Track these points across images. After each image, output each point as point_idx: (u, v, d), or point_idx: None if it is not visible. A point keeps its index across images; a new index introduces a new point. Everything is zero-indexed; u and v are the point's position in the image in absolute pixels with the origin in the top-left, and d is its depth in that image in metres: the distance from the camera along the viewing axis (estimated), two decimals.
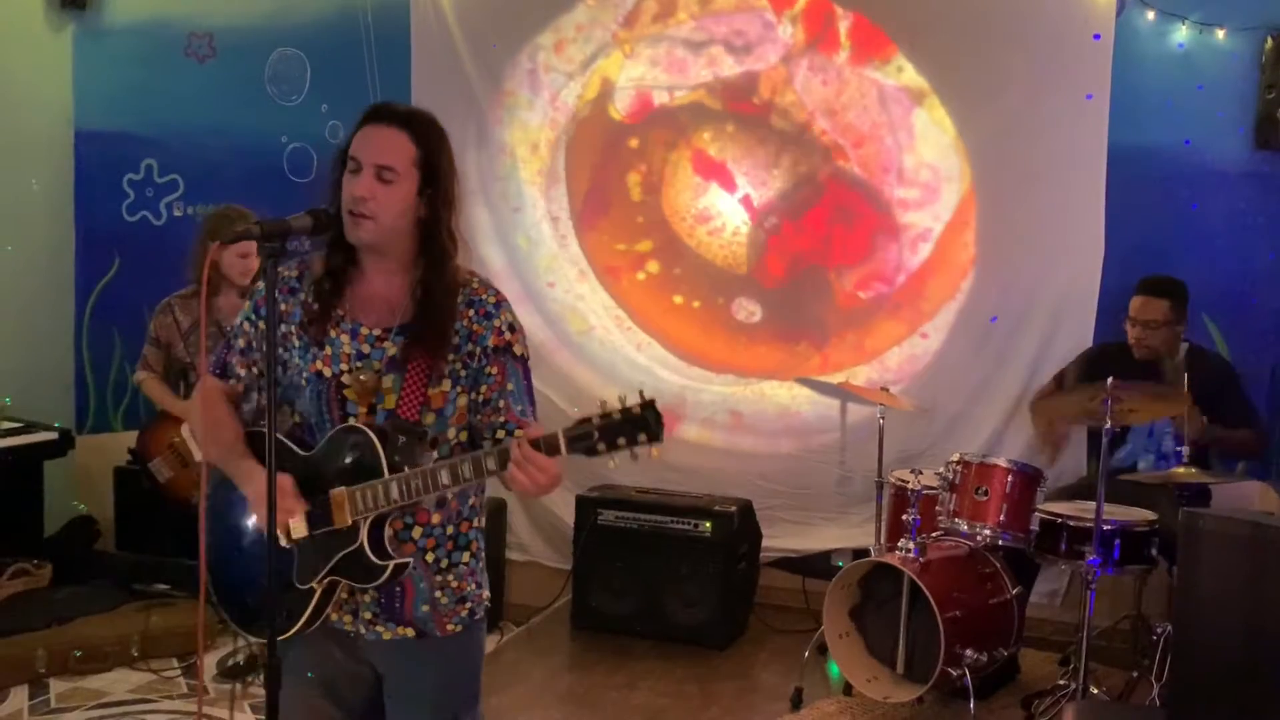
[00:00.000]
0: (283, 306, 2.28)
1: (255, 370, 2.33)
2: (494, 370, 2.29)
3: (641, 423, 2.03)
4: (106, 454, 5.80)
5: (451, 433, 2.30)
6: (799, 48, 5.13)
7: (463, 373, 2.27)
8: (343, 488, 2.19)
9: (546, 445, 2.06)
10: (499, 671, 4.50)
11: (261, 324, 2.29)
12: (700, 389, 5.40)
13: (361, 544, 2.20)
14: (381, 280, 2.29)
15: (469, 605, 2.37)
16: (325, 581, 2.22)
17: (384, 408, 2.24)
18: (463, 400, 2.29)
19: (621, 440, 2.03)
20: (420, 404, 2.24)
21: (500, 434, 2.31)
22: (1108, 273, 4.76)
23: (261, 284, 2.28)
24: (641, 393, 2.07)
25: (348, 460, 2.20)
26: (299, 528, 2.21)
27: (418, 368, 2.24)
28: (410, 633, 2.31)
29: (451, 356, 2.26)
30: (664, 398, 5.52)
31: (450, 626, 2.34)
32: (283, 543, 2.20)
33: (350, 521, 2.19)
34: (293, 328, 2.28)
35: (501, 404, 2.30)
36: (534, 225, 5.52)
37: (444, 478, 2.14)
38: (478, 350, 2.28)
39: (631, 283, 5.46)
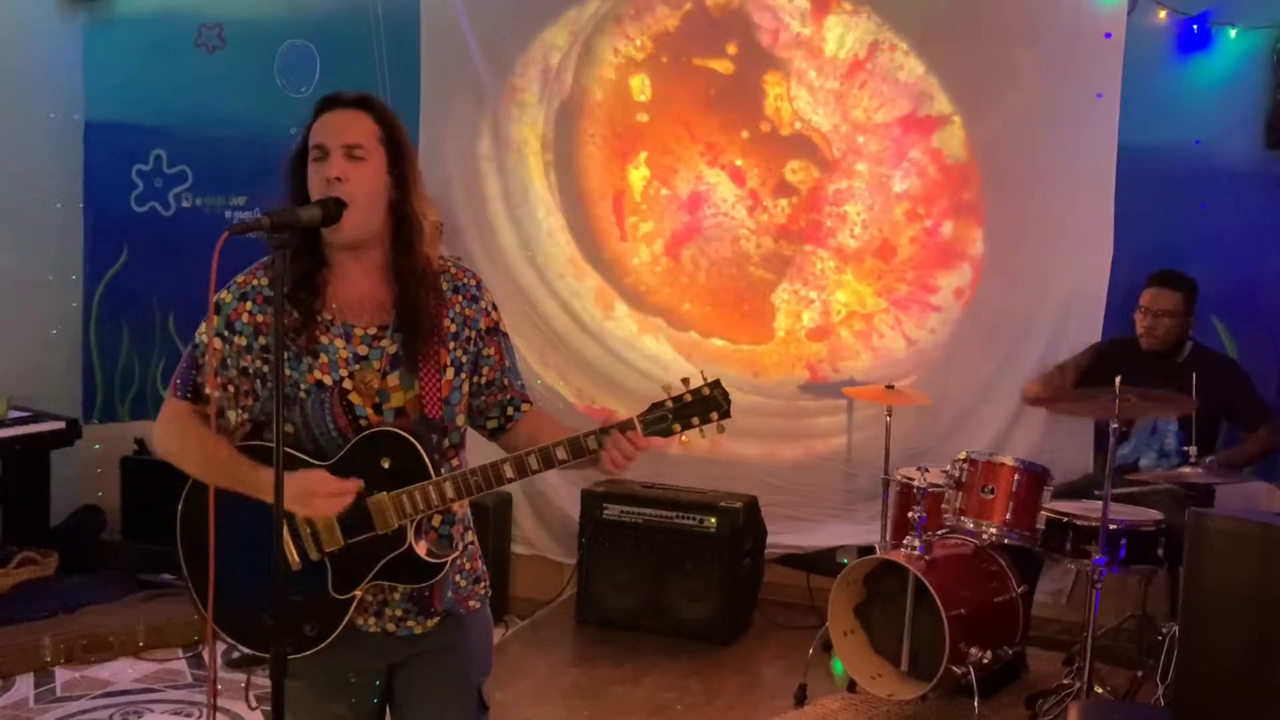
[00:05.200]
0: (260, 318, 2.22)
1: (231, 388, 2.23)
2: (491, 351, 2.33)
3: (712, 402, 2.16)
4: (114, 444, 5.83)
5: (460, 419, 2.31)
6: (808, 44, 5.12)
7: (464, 359, 2.28)
8: (383, 493, 2.17)
9: (630, 432, 2.15)
10: (504, 665, 4.50)
11: (237, 339, 2.22)
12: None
13: (410, 545, 2.19)
14: (364, 278, 2.25)
15: (483, 584, 2.39)
16: (362, 590, 2.20)
17: (391, 406, 2.22)
18: (466, 386, 2.30)
19: (695, 420, 2.15)
20: (440, 398, 2.24)
21: (509, 410, 2.36)
22: (1116, 272, 4.75)
23: (228, 295, 2.24)
24: (703, 374, 2.17)
25: (385, 465, 2.18)
26: (333, 539, 2.18)
27: (428, 362, 2.22)
28: (436, 622, 2.31)
29: (452, 344, 2.26)
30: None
31: (472, 603, 2.36)
32: (313, 556, 2.19)
33: (396, 525, 2.17)
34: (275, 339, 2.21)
35: (505, 382, 2.35)
36: (542, 219, 5.52)
37: (508, 472, 2.16)
38: (473, 334, 2.30)
39: (634, 282, 5.46)
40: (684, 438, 2.18)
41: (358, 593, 2.20)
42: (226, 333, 2.23)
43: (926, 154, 5.05)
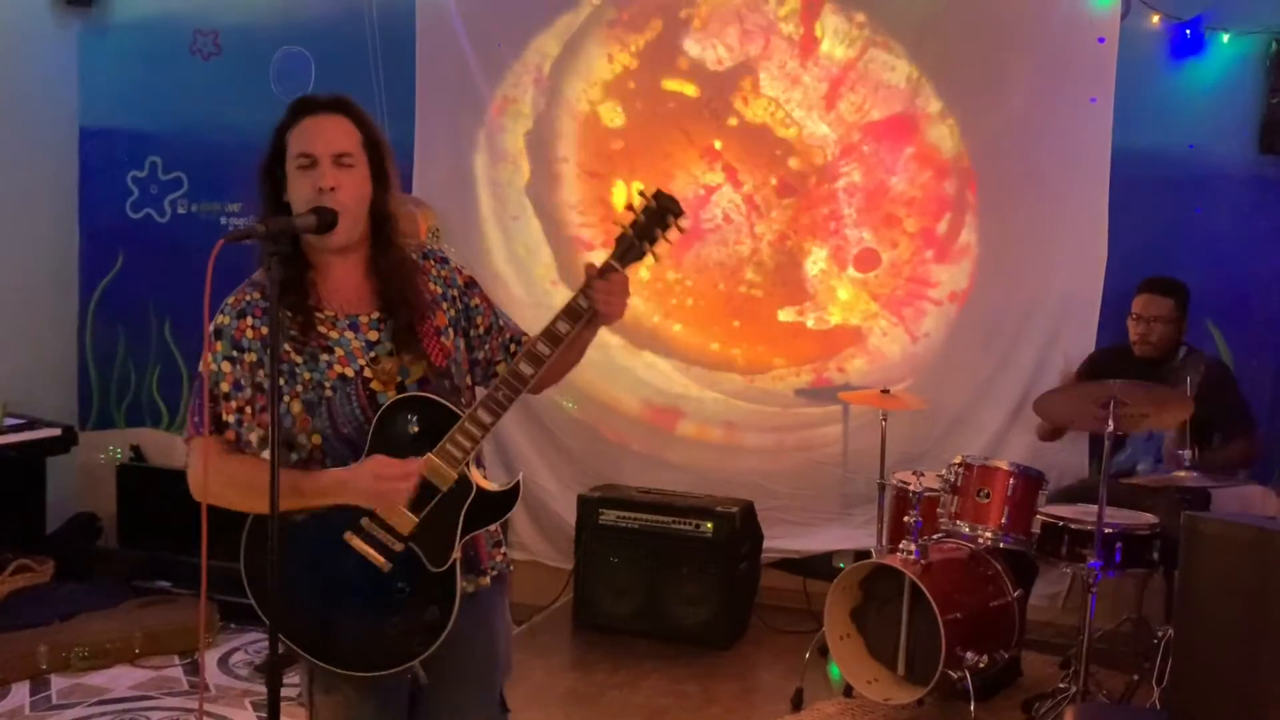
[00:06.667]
0: (263, 330, 2.20)
1: (249, 409, 2.21)
2: (478, 301, 2.40)
3: (663, 210, 2.26)
4: (109, 450, 5.83)
5: (467, 379, 2.36)
6: (800, 46, 5.13)
7: (456, 316, 2.35)
8: (428, 454, 2.17)
9: (610, 272, 2.26)
10: None
11: (246, 356, 2.20)
12: (702, 391, 5.40)
13: (478, 486, 2.20)
14: (351, 274, 2.28)
15: (503, 549, 2.43)
16: (459, 549, 2.20)
17: (412, 380, 2.25)
18: (463, 343, 2.35)
19: (657, 231, 2.27)
20: (446, 356, 2.29)
21: (512, 347, 2.42)
22: (1111, 276, 4.76)
23: (225, 318, 2.23)
24: (642, 192, 2.27)
25: (414, 429, 2.19)
26: (405, 521, 2.16)
27: (427, 331, 2.27)
28: (486, 581, 2.34)
29: (445, 305, 2.33)
30: (667, 399, 5.54)
31: (505, 569, 2.41)
32: (396, 548, 2.17)
33: (456, 475, 2.18)
34: (285, 348, 2.20)
35: (500, 324, 2.43)
36: (534, 231, 5.51)
37: (526, 369, 2.21)
38: (455, 292, 2.37)
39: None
40: (655, 253, 2.28)
41: (455, 554, 2.20)
42: (235, 354, 2.22)
43: (920, 158, 5.05)
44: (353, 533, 2.17)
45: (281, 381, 2.20)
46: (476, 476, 2.22)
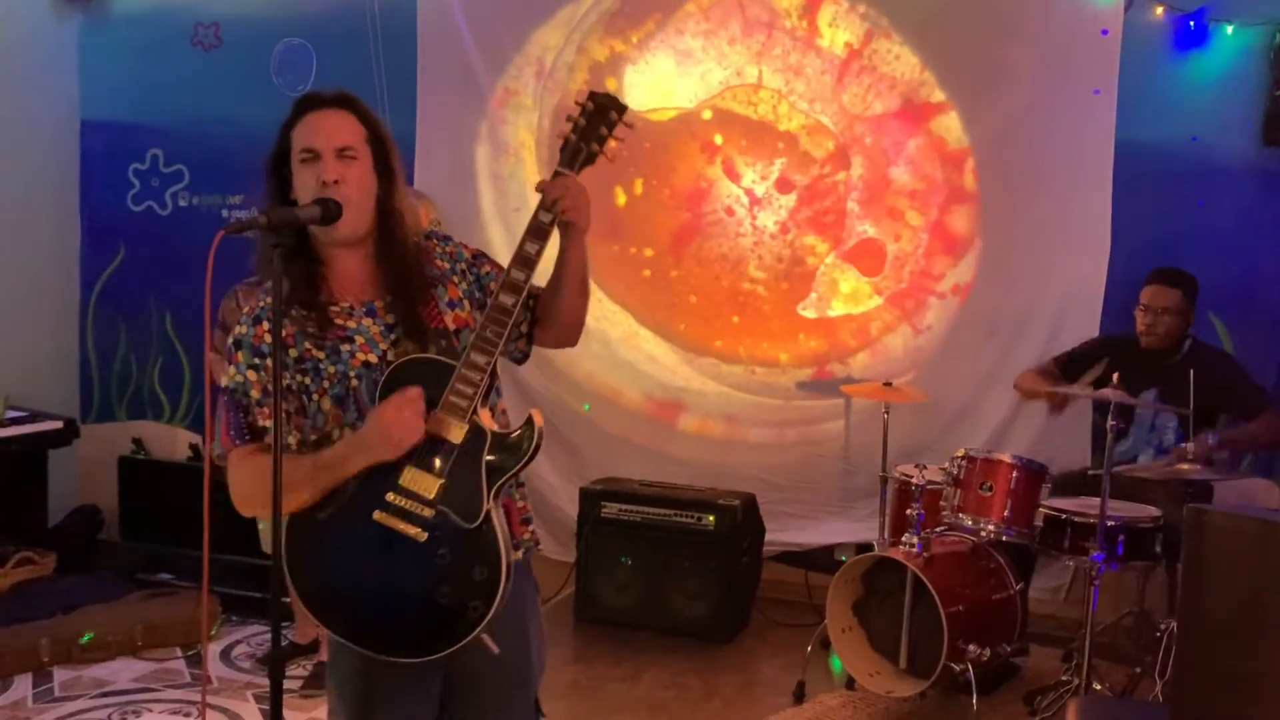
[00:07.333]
0: (282, 333, 2.16)
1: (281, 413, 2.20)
2: (488, 269, 2.39)
3: (604, 109, 2.27)
4: (111, 443, 5.83)
5: None
6: (802, 38, 5.12)
7: (469, 287, 2.34)
8: (433, 412, 2.15)
9: (560, 177, 2.27)
10: None
11: (269, 361, 2.17)
12: (704, 384, 5.40)
13: (488, 430, 2.18)
14: (360, 266, 2.27)
15: (531, 527, 2.39)
16: (492, 500, 2.16)
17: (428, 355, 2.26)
18: (479, 314, 2.31)
19: (602, 130, 2.28)
20: (457, 324, 2.28)
21: (531, 302, 2.38)
22: (1114, 268, 4.75)
23: (242, 328, 2.22)
24: (577, 99, 2.29)
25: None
26: (429, 484, 2.14)
27: (433, 310, 2.26)
28: (519, 555, 2.29)
29: (455, 279, 2.32)
30: (668, 392, 5.52)
31: (532, 547, 2.37)
32: (426, 514, 2.14)
33: (466, 424, 2.16)
34: (306, 346, 2.20)
35: None
36: None
37: (506, 299, 2.19)
38: (464, 265, 2.36)
39: (631, 283, 5.44)
40: (608, 151, 2.28)
41: (487, 506, 2.15)
42: (258, 360, 2.21)
43: (924, 150, 5.04)
44: (380, 510, 2.14)
45: (308, 380, 2.19)
46: (487, 421, 2.20)
